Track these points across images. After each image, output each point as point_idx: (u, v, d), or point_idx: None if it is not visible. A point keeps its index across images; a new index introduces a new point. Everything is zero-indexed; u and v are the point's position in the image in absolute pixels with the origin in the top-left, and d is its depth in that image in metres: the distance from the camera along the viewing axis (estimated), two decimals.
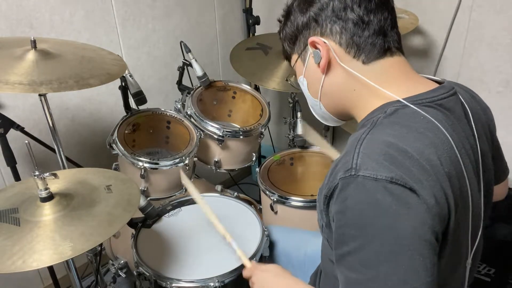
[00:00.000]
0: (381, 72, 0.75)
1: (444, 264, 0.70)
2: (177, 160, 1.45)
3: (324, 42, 0.76)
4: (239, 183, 2.49)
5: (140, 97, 1.52)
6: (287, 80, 0.90)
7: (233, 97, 1.83)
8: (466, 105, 0.78)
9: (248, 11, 2.13)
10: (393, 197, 0.60)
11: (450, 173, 0.66)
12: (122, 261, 1.52)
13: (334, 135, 2.40)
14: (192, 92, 1.67)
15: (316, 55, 0.78)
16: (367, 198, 0.61)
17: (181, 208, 1.41)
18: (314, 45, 0.78)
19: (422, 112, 0.69)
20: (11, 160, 1.39)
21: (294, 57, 0.85)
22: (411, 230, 0.60)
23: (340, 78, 0.78)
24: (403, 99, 0.71)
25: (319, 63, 0.77)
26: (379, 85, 0.74)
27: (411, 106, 0.70)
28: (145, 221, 1.32)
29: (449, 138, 0.69)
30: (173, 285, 1.11)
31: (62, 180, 1.08)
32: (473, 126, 0.77)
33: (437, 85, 0.77)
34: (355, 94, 0.78)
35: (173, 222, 1.35)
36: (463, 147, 0.72)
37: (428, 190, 0.61)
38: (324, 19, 0.75)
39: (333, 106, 0.84)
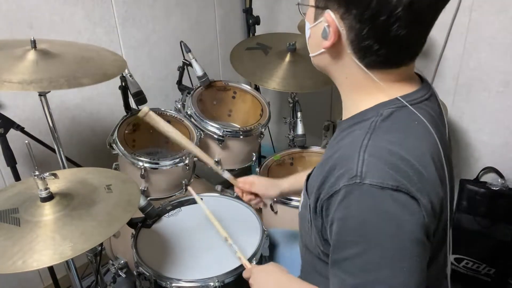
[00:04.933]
0: (379, 76, 0.70)
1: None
2: (177, 160, 1.45)
3: (338, 29, 0.66)
4: None
5: (140, 97, 1.52)
6: (298, 4, 0.75)
7: (233, 97, 1.83)
8: (441, 105, 0.77)
9: (248, 11, 2.13)
10: (397, 205, 0.60)
11: (441, 176, 0.67)
12: (122, 261, 1.52)
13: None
14: (192, 92, 1.67)
15: (324, 32, 0.68)
16: (372, 206, 0.61)
17: (181, 208, 1.41)
18: (327, 21, 0.66)
19: (417, 114, 0.68)
20: (11, 160, 1.39)
21: (310, 1, 0.72)
22: (412, 236, 0.61)
23: (338, 59, 0.70)
24: (398, 98, 0.69)
25: (324, 38, 0.68)
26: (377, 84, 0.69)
27: (409, 107, 0.68)
28: (145, 221, 1.32)
29: (438, 141, 0.69)
30: (173, 285, 1.11)
31: (62, 180, 1.08)
32: (446, 127, 0.76)
33: (419, 80, 0.75)
34: (347, 81, 0.73)
35: (173, 222, 1.35)
36: (444, 150, 0.71)
37: (426, 197, 0.62)
38: (347, 4, 0.63)
39: (320, 68, 0.77)
